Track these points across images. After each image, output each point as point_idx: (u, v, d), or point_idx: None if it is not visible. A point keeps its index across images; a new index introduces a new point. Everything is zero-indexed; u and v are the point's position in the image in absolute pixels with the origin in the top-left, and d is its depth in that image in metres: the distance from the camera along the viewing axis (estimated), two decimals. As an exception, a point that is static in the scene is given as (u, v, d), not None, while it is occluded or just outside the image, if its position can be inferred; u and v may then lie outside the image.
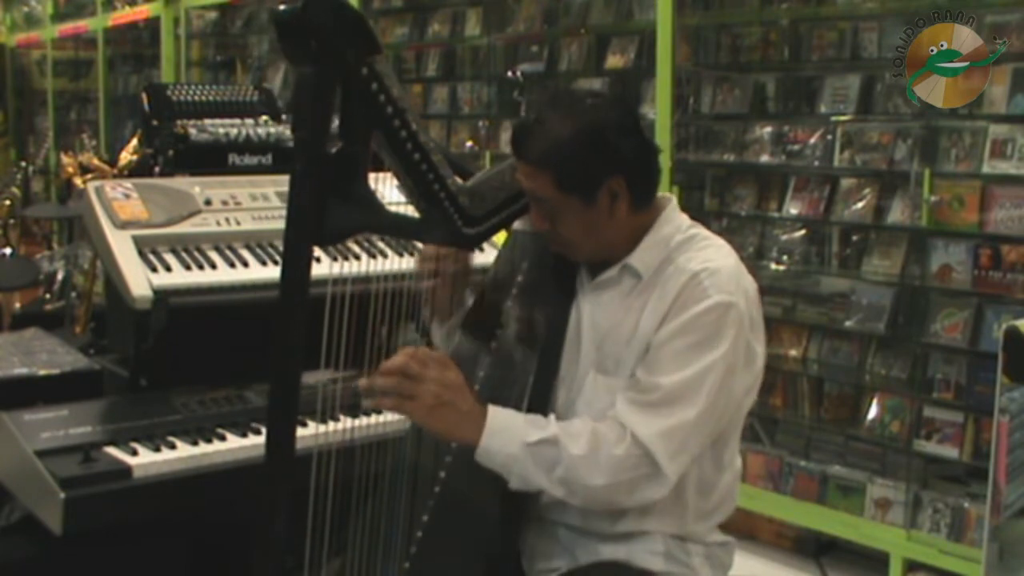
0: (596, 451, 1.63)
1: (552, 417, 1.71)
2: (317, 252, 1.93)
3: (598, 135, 1.67)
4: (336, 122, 1.59)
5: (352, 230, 1.69)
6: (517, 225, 1.89)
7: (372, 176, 1.68)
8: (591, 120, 1.68)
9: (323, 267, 1.71)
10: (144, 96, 2.67)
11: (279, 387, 1.57)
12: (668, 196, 1.82)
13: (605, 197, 1.70)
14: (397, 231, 2.03)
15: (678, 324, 1.66)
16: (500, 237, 1.98)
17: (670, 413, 1.63)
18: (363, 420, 2.01)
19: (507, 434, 1.65)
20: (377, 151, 1.66)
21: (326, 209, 1.55)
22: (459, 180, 1.76)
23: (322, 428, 1.84)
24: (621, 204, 1.71)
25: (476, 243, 1.80)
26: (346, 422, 1.91)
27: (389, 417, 2.05)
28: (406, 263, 2.35)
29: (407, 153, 1.66)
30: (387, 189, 1.75)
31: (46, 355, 2.39)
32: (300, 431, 1.90)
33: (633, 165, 1.71)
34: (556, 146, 1.67)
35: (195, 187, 2.37)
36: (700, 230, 1.79)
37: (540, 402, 1.76)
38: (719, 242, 1.78)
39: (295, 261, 1.55)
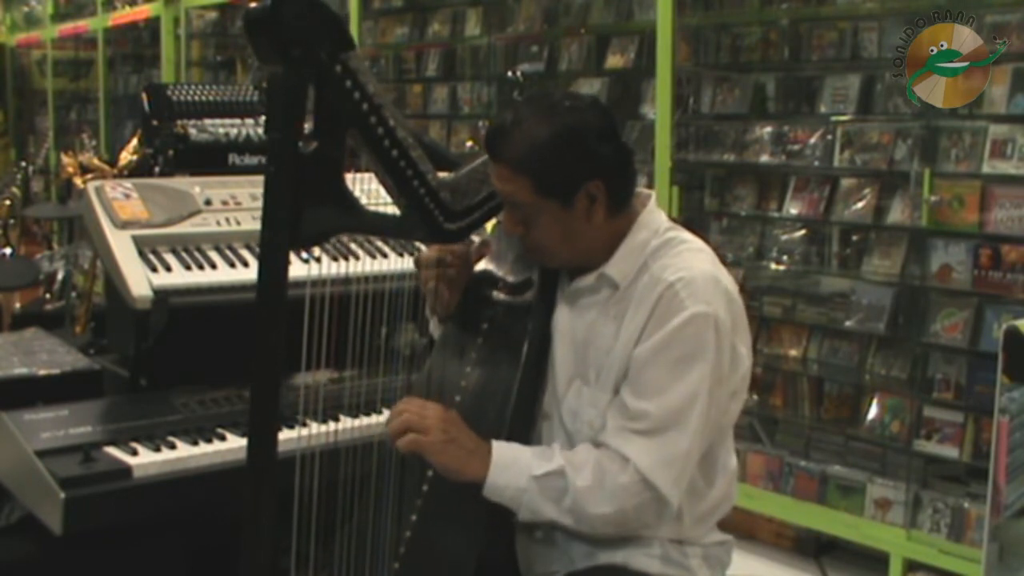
0: (601, 481, 1.62)
1: (556, 447, 1.70)
2: (316, 252, 1.94)
3: (577, 137, 1.65)
4: (311, 121, 1.57)
5: (330, 231, 1.67)
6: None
7: (366, 176, 1.68)
8: (569, 122, 1.66)
9: (323, 268, 1.71)
10: (144, 96, 2.67)
11: (260, 390, 1.56)
12: (648, 193, 1.80)
13: (583, 200, 1.67)
14: (377, 230, 2.02)
15: (658, 340, 1.64)
16: (490, 226, 1.97)
17: (664, 441, 1.62)
18: (360, 420, 2.01)
19: (514, 468, 1.64)
20: (355, 149, 1.64)
21: (302, 211, 1.53)
22: (442, 174, 1.74)
23: (321, 428, 1.85)
24: (598, 208, 1.69)
25: (458, 238, 1.79)
26: (345, 422, 1.92)
27: (378, 418, 2.05)
28: (406, 263, 2.35)
29: (385, 150, 1.64)
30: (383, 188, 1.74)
31: (46, 355, 2.39)
32: (300, 432, 1.91)
33: (611, 168, 1.69)
34: (534, 148, 1.65)
35: (195, 187, 2.37)
36: (677, 232, 1.76)
37: (525, 409, 1.75)
38: (697, 245, 1.75)
39: (272, 264, 1.54)
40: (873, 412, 3.52)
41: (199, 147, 2.52)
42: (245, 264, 2.28)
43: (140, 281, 2.11)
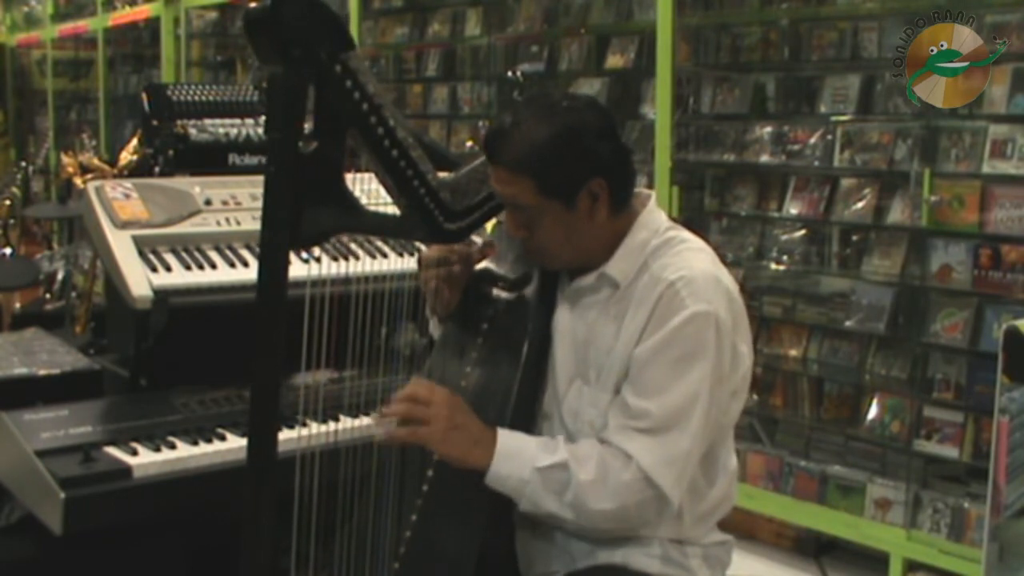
0: (604, 476, 1.62)
1: (560, 439, 1.70)
2: (316, 252, 1.94)
3: (576, 136, 1.66)
4: (311, 121, 1.57)
5: (330, 231, 1.66)
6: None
7: (366, 176, 1.68)
8: (568, 122, 1.66)
9: (323, 268, 1.71)
10: (144, 96, 2.67)
11: (260, 390, 1.56)
12: (648, 193, 1.80)
13: (585, 200, 1.68)
14: (377, 230, 2.02)
15: (659, 339, 1.64)
16: (490, 226, 1.97)
17: (666, 441, 1.62)
18: (360, 420, 2.01)
19: (518, 459, 1.64)
20: (355, 149, 1.64)
21: (302, 211, 1.53)
22: (442, 174, 1.74)
23: (321, 428, 1.85)
24: (601, 207, 1.69)
25: (458, 238, 1.79)
26: (345, 422, 1.92)
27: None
28: (406, 263, 2.35)
29: (385, 150, 1.64)
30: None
31: (46, 355, 2.39)
32: (300, 432, 1.91)
33: (611, 166, 1.69)
34: (535, 150, 1.64)
35: (195, 187, 2.37)
36: (678, 232, 1.76)
37: (525, 409, 1.75)
38: (697, 244, 1.75)
39: (272, 264, 1.53)
40: (873, 412, 3.52)
41: (199, 147, 2.52)
42: (245, 264, 2.28)
43: (140, 281, 2.11)
